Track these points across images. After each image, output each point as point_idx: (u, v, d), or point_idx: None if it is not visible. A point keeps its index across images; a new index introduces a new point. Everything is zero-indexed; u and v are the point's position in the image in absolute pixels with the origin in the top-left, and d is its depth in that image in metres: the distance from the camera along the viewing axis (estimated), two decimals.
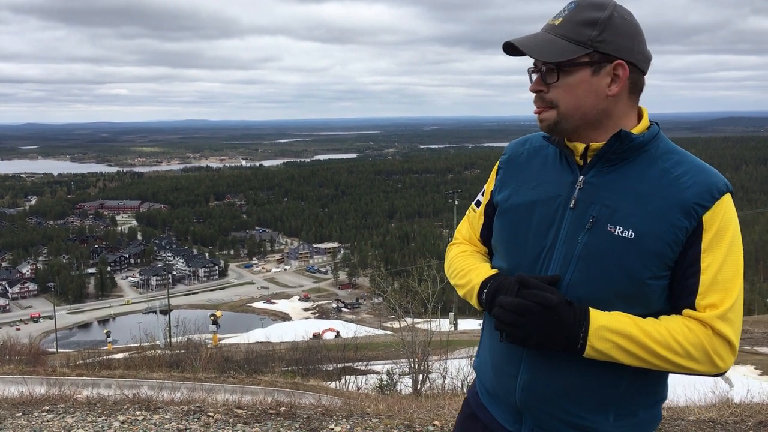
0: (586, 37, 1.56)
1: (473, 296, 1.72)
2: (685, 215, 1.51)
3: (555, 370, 1.60)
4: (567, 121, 1.60)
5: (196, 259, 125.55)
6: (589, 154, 1.62)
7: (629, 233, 1.52)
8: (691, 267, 1.52)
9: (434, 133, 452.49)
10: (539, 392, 1.63)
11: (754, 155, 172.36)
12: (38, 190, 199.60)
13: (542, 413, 1.63)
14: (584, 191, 1.61)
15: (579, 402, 1.60)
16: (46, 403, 5.44)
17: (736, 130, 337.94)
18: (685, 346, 1.48)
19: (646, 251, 1.51)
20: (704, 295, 1.51)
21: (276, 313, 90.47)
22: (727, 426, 4.81)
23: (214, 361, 15.64)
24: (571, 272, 1.58)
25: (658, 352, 1.48)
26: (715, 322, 1.49)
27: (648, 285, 1.53)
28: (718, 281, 1.51)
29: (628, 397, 1.60)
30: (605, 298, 1.54)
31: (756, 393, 6.78)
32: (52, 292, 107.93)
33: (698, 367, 1.50)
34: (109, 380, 10.48)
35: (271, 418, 4.93)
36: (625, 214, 1.54)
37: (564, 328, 1.49)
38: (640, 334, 1.48)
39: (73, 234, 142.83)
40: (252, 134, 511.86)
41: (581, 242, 1.57)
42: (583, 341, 1.49)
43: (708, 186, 1.53)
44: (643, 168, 1.58)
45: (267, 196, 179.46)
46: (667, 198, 1.53)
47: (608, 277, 1.54)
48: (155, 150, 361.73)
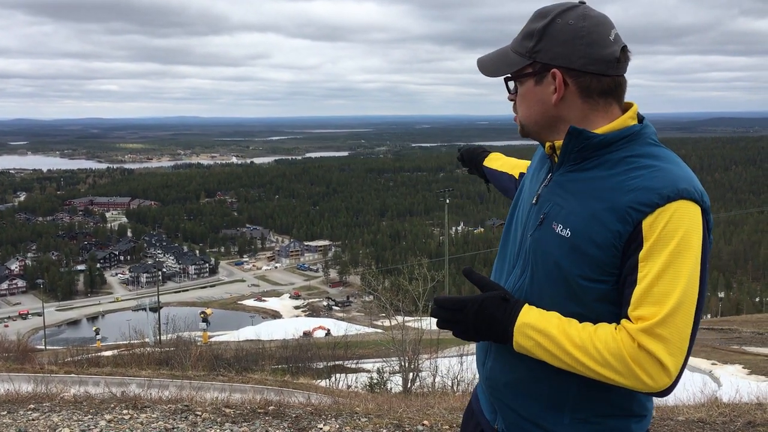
0: (525, 48, 1.60)
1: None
2: (618, 219, 1.45)
3: (511, 361, 1.62)
4: (526, 126, 1.68)
5: (186, 256, 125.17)
6: (556, 153, 1.64)
7: (567, 231, 1.52)
8: (630, 276, 1.45)
9: (426, 132, 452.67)
10: (500, 382, 1.67)
11: (743, 156, 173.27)
12: (27, 186, 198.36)
13: (504, 406, 1.67)
14: (547, 188, 1.64)
15: (534, 398, 1.60)
16: (31, 401, 5.38)
17: (726, 130, 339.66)
18: (604, 354, 1.43)
19: (578, 251, 1.49)
20: (635, 306, 1.43)
21: (266, 311, 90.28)
22: (716, 426, 4.82)
23: (204, 359, 15.56)
24: (520, 268, 1.64)
25: (575, 356, 1.45)
26: (640, 335, 1.41)
27: (580, 285, 1.50)
28: (652, 293, 1.42)
29: (583, 401, 1.57)
30: (548, 295, 1.56)
31: (745, 393, 6.79)
32: (40, 288, 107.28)
33: (621, 380, 1.43)
34: (98, 378, 10.41)
35: (259, 418, 4.89)
36: (568, 212, 1.54)
37: (494, 322, 1.53)
38: (559, 335, 1.47)
39: (63, 230, 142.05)
40: (243, 131, 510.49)
41: (532, 238, 1.61)
42: (511, 336, 1.52)
43: (655, 190, 1.45)
44: (604, 168, 1.55)
45: (258, 194, 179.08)
46: (606, 200, 1.48)
47: (547, 274, 1.55)
48: (146, 146, 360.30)
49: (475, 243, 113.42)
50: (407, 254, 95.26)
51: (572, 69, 1.56)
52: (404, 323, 15.82)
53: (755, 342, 30.94)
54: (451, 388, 11.25)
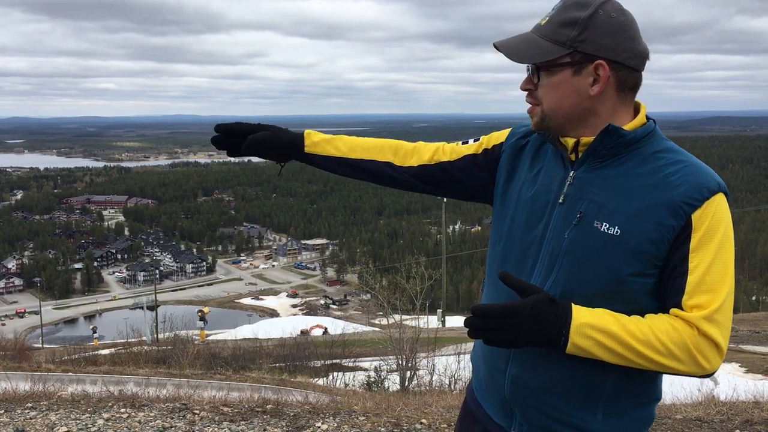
0: (566, 37, 1.56)
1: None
2: (672, 214, 1.50)
3: (541, 365, 1.59)
4: (550, 119, 1.61)
5: (183, 254, 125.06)
6: (579, 149, 1.61)
7: (615, 230, 1.51)
8: (679, 267, 1.50)
9: (423, 131, 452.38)
10: (527, 387, 1.62)
11: (740, 155, 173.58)
12: (24, 184, 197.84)
13: (531, 408, 1.63)
14: (573, 186, 1.60)
15: (566, 397, 1.59)
16: (29, 400, 5.37)
17: (723, 129, 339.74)
18: (668, 345, 1.47)
19: (631, 249, 1.50)
20: (691, 295, 1.49)
21: (264, 310, 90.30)
22: (714, 424, 4.83)
23: (201, 358, 15.58)
24: (558, 268, 1.58)
25: (640, 351, 1.47)
26: (701, 322, 1.47)
27: (631, 282, 1.51)
28: (705, 282, 1.49)
29: (616, 394, 1.59)
30: (589, 294, 1.53)
31: (742, 391, 6.82)
32: (38, 287, 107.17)
33: (682, 368, 1.48)
34: (95, 377, 10.40)
35: (257, 416, 4.89)
36: (612, 210, 1.53)
37: (546, 325, 1.47)
38: (621, 332, 1.47)
39: (60, 229, 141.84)
40: None
41: (567, 238, 1.57)
42: (565, 338, 1.47)
43: (698, 185, 1.51)
44: (634, 165, 1.57)
45: (255, 192, 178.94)
46: (656, 196, 1.51)
47: (592, 274, 1.53)
48: (143, 145, 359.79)
49: (473, 241, 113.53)
50: (404, 253, 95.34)
51: (615, 62, 1.56)
52: (401, 322, 15.83)
53: (752, 341, 31.00)
54: (449, 387, 11.27)
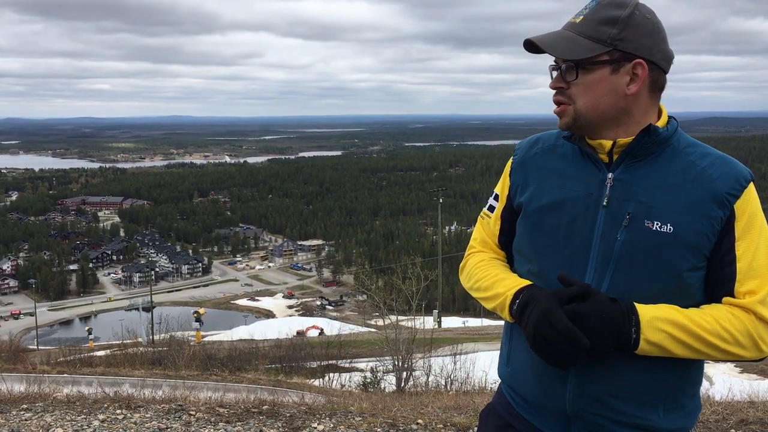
0: (606, 35, 1.56)
1: (504, 309, 1.67)
2: (718, 205, 1.54)
3: (606, 372, 1.57)
4: (584, 118, 1.61)
5: (179, 255, 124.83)
6: (615, 150, 1.61)
7: (668, 227, 1.53)
8: (727, 255, 1.54)
9: (419, 131, 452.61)
10: (592, 395, 1.60)
11: (735, 155, 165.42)
12: (19, 185, 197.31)
13: (595, 416, 1.61)
14: (616, 188, 1.60)
15: (632, 400, 1.59)
16: (24, 401, 5.35)
17: (718, 130, 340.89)
18: (733, 333, 1.50)
19: (685, 244, 1.53)
20: (742, 282, 1.53)
21: (260, 311, 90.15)
22: (709, 424, 4.84)
23: (197, 359, 15.55)
24: (611, 270, 1.57)
25: (709, 341, 1.49)
26: (757, 307, 1.52)
27: (688, 277, 1.54)
28: (754, 267, 1.54)
29: (675, 389, 1.61)
30: (647, 293, 1.54)
31: (737, 391, 6.82)
32: (33, 288, 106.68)
33: (745, 354, 1.52)
34: (90, 378, 10.38)
35: (253, 417, 4.88)
36: (661, 208, 1.55)
37: (615, 326, 1.48)
38: (690, 324, 1.50)
39: (55, 230, 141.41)
40: (236, 131, 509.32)
41: (620, 239, 1.56)
42: (636, 336, 1.49)
43: (735, 175, 1.58)
44: (669, 162, 1.60)
45: (251, 193, 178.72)
46: (700, 189, 1.55)
47: (650, 273, 1.54)
48: (138, 146, 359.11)
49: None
50: (400, 253, 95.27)
51: (651, 62, 1.58)
52: (398, 322, 15.83)
53: None
54: (445, 387, 11.27)
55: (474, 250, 1.91)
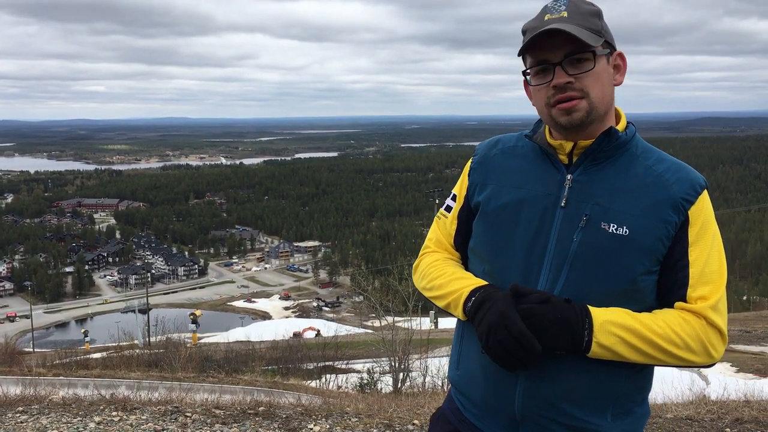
0: (598, 26, 1.58)
1: (458, 307, 1.65)
2: (674, 210, 1.55)
3: (557, 374, 1.56)
4: (596, 111, 1.58)
5: (175, 257, 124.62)
6: (575, 152, 1.62)
7: (624, 230, 1.53)
8: (680, 261, 1.55)
9: (415, 132, 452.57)
10: (541, 398, 1.58)
11: (730, 155, 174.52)
12: (15, 187, 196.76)
13: (543, 419, 1.59)
14: (574, 190, 1.60)
15: (580, 404, 1.57)
16: (20, 404, 5.35)
17: (713, 130, 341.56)
18: (685, 339, 1.50)
19: (641, 247, 1.53)
20: (695, 287, 1.54)
21: (256, 312, 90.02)
22: (704, 423, 4.85)
23: (193, 361, 15.52)
24: (566, 271, 1.56)
25: (661, 346, 1.50)
26: (709, 312, 1.53)
27: (641, 281, 1.54)
28: (706, 273, 1.55)
29: (624, 395, 1.60)
30: (600, 296, 1.54)
31: (732, 390, 6.85)
32: (28, 291, 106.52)
33: (696, 359, 1.53)
34: (86, 380, 10.35)
35: (249, 418, 4.88)
36: (618, 211, 1.55)
37: (569, 328, 1.48)
38: (642, 328, 1.49)
39: (51, 232, 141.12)
40: (232, 132, 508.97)
41: (576, 240, 1.56)
42: (588, 339, 1.48)
43: (691, 181, 1.58)
44: (627, 166, 1.60)
45: (247, 195, 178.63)
46: (656, 194, 1.56)
47: (605, 275, 1.54)
48: (134, 148, 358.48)
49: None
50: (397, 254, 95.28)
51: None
52: (394, 323, 15.83)
53: (743, 340, 31.13)
54: (442, 388, 11.27)
55: (429, 250, 1.88)
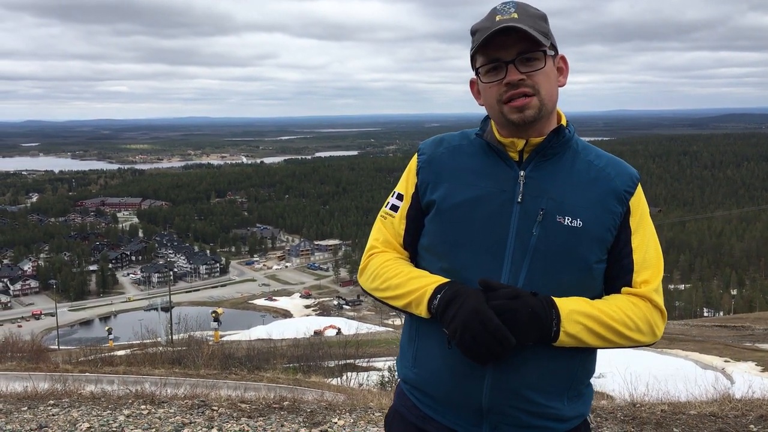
0: (546, 29, 1.65)
1: (421, 305, 1.66)
2: (618, 201, 1.66)
3: (521, 364, 1.62)
4: (546, 108, 1.65)
5: (197, 256, 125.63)
6: (526, 149, 1.68)
7: (578, 222, 1.62)
8: (624, 248, 1.67)
9: (435, 130, 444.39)
10: (508, 389, 1.63)
11: (755, 152, 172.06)
12: (39, 187, 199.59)
13: (509, 408, 1.64)
14: (528, 185, 1.66)
15: (542, 390, 1.64)
16: (50, 397, 5.47)
17: (738, 126, 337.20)
18: (636, 321, 1.62)
19: (593, 237, 1.63)
20: (639, 272, 1.67)
21: (277, 310, 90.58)
22: (728, 420, 4.84)
23: (216, 358, 15.65)
24: (527, 264, 1.62)
25: (617, 329, 1.60)
26: (653, 295, 1.66)
27: (595, 269, 1.65)
28: (646, 259, 1.68)
29: (577, 378, 1.69)
30: (562, 286, 1.62)
31: (757, 389, 6.78)
32: (53, 289, 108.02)
33: (644, 339, 1.65)
34: (112, 376, 10.51)
35: (274, 412, 4.95)
36: (571, 204, 1.64)
37: (537, 320, 1.54)
38: (601, 315, 1.60)
39: (75, 231, 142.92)
40: (253, 131, 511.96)
41: (535, 234, 1.62)
42: (556, 329, 1.56)
43: (629, 175, 1.70)
44: (572, 162, 1.70)
45: (268, 193, 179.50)
46: (602, 187, 1.67)
47: (564, 265, 1.62)
48: (156, 147, 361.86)
49: None
50: None
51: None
52: None
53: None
54: None
55: (377, 251, 1.86)
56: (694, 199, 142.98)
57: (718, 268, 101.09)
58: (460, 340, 1.54)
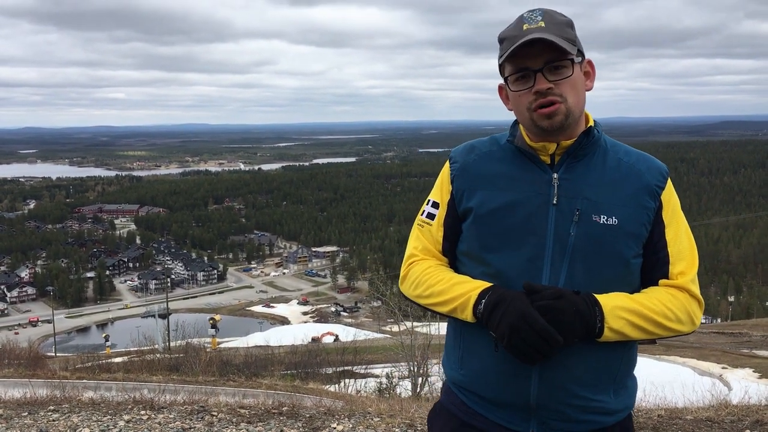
0: (572, 36, 1.69)
1: (466, 310, 1.70)
2: (651, 196, 1.72)
3: (568, 361, 1.66)
4: (573, 115, 1.71)
5: (194, 263, 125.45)
6: (557, 152, 1.73)
7: (613, 220, 1.68)
8: (659, 241, 1.73)
9: (433, 137, 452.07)
10: (555, 385, 1.68)
11: (752, 159, 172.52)
12: (37, 194, 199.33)
13: (557, 404, 1.69)
14: (562, 187, 1.71)
15: (589, 385, 1.69)
16: (50, 403, 5.49)
17: (735, 134, 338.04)
18: (675, 312, 1.68)
19: (629, 234, 1.68)
20: (675, 264, 1.73)
21: (275, 317, 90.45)
22: (724, 425, 4.87)
23: (214, 365, 15.65)
24: (567, 264, 1.67)
25: (658, 321, 1.65)
26: (690, 285, 1.72)
27: (632, 264, 1.70)
28: (681, 251, 1.74)
29: (621, 371, 1.74)
30: (603, 282, 1.67)
31: (754, 395, 6.82)
32: (50, 296, 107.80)
33: (684, 329, 1.71)
34: (110, 383, 10.51)
35: (274, 418, 4.98)
36: (605, 203, 1.69)
37: (584, 319, 1.59)
38: (642, 308, 1.65)
39: (72, 238, 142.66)
40: (251, 138, 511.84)
41: (573, 234, 1.67)
42: (600, 325, 1.61)
43: (659, 169, 1.76)
44: (602, 160, 1.75)
45: (266, 200, 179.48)
46: (634, 183, 1.72)
47: (603, 263, 1.67)
48: (154, 154, 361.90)
49: None
50: None
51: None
52: (413, 328, 15.88)
53: (765, 346, 30.80)
54: None
55: (417, 258, 1.89)
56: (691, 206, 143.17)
57: (716, 275, 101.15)
58: (509, 342, 1.59)
